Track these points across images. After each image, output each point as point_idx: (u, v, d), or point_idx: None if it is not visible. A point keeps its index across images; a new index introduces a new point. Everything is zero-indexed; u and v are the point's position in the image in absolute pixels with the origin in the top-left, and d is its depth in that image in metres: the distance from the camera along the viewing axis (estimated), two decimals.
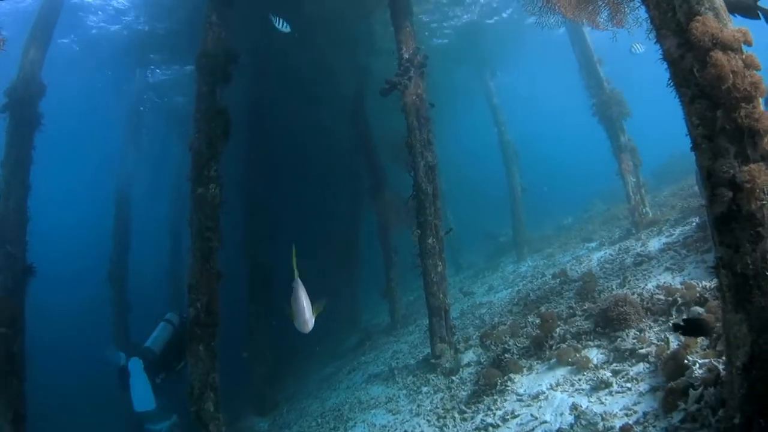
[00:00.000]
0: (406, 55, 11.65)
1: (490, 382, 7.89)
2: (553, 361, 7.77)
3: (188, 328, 9.31)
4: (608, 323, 7.71)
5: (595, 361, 7.22)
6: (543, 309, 10.29)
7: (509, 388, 7.70)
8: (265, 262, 17.46)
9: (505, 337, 9.58)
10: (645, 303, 7.88)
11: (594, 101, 15.28)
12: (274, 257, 18.58)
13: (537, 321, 9.48)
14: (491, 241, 26.96)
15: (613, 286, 9.77)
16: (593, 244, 16.21)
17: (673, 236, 11.60)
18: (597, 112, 15.21)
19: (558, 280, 12.44)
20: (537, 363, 8.03)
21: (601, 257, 13.22)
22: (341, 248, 23.10)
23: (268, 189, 19.54)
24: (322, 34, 18.27)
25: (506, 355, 8.39)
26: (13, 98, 11.30)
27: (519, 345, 8.80)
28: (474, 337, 11.19)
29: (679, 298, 7.51)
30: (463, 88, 28.31)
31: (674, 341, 6.61)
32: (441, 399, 8.93)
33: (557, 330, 8.44)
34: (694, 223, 11.44)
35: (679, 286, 7.91)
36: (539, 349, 8.24)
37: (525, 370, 7.97)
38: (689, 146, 4.58)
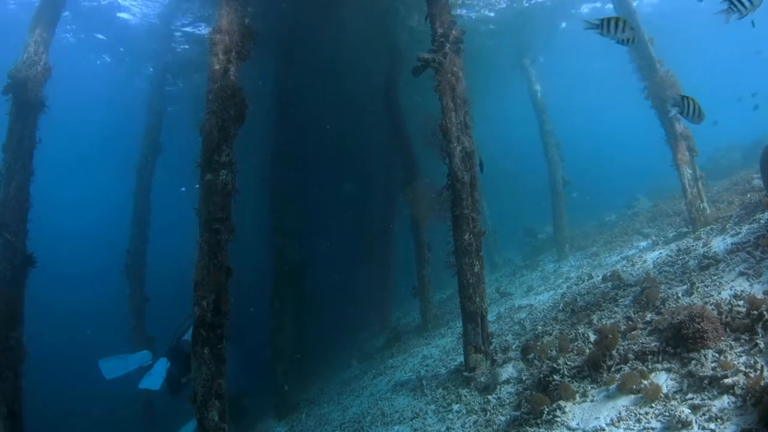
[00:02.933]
0: (440, 30, 10.42)
1: (535, 409, 6.60)
2: (612, 387, 6.40)
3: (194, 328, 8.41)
4: (681, 342, 6.39)
5: (665, 390, 5.88)
6: (595, 318, 8.97)
7: (558, 419, 6.36)
8: (291, 256, 16.55)
9: (552, 350, 8.27)
10: (723, 317, 6.57)
11: (646, 84, 13.91)
12: (301, 251, 17.81)
13: (590, 334, 8.19)
14: (529, 238, 25.65)
15: (679, 294, 8.38)
16: (644, 243, 14.87)
17: (740, 235, 10.18)
18: (649, 96, 13.83)
19: (610, 283, 11.05)
20: (592, 388, 6.67)
21: (657, 258, 11.85)
22: (374, 242, 22.14)
23: (296, 180, 18.68)
24: (352, 13, 17.27)
25: (555, 376, 7.05)
26: (15, 80, 10.70)
27: (569, 363, 7.44)
28: (513, 347, 9.95)
29: (765, 312, 6.17)
30: (501, 72, 26.99)
31: None
32: (474, 423, 7.69)
33: (617, 347, 7.13)
34: (763, 220, 10.06)
35: (761, 296, 6.57)
36: (595, 370, 6.86)
37: (578, 396, 6.61)
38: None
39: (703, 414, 5.24)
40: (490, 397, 8.30)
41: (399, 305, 22.66)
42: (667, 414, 5.47)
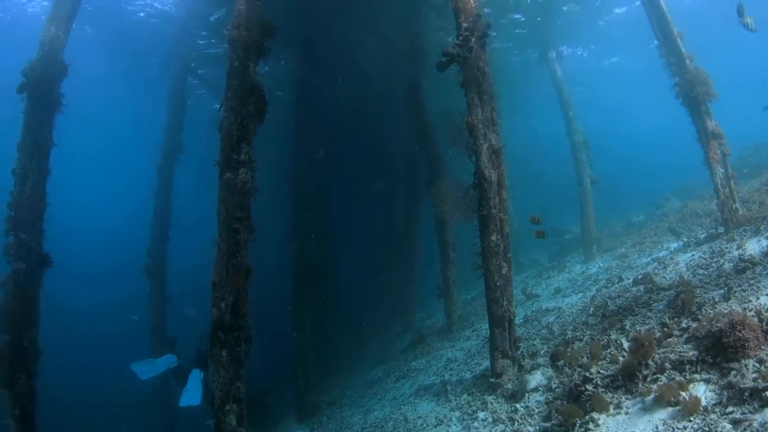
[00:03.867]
0: (465, 24, 10.09)
1: (566, 421, 6.23)
2: (649, 399, 6.01)
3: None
4: (721, 351, 6.01)
5: (704, 402, 5.51)
6: (627, 324, 8.53)
7: None
8: (313, 256, 16.34)
9: (583, 357, 7.87)
10: (764, 324, 6.17)
11: (676, 80, 13.41)
12: (323, 251, 17.59)
13: (623, 340, 7.78)
14: (556, 238, 25.16)
15: (715, 299, 7.96)
16: (675, 245, 14.40)
17: None
18: (680, 93, 13.32)
19: (642, 287, 10.63)
20: (627, 399, 6.30)
21: (690, 261, 11.40)
22: (398, 241, 21.84)
23: (318, 178, 18.45)
24: (376, 7, 17.02)
25: (587, 386, 6.68)
26: (30, 78, 10.52)
27: (602, 372, 7.05)
28: (542, 352, 9.56)
29: None
30: (525, 68, 26.52)
31: None
32: None
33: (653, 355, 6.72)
34: None
35: None
36: (630, 380, 6.46)
37: (612, 408, 6.25)
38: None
39: (745, 429, 4.92)
40: (517, 405, 7.96)
41: (423, 306, 22.38)
42: (706, 429, 5.14)
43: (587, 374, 6.96)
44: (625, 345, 7.57)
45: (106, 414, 23.16)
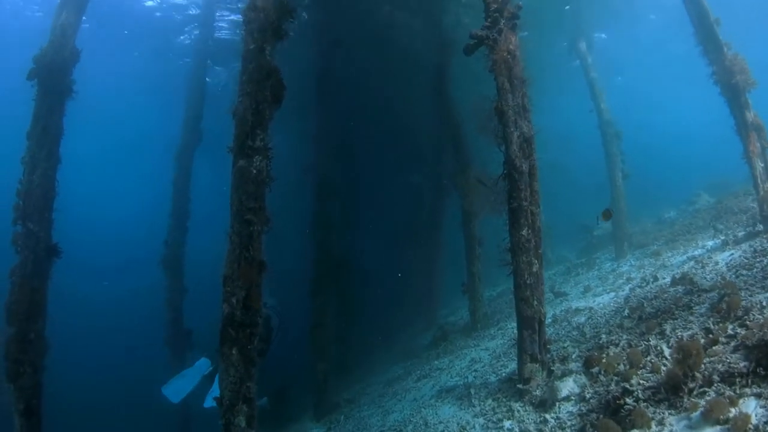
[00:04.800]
0: (494, 5, 9.51)
1: None
2: (695, 415, 5.36)
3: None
4: None
5: (754, 420, 4.88)
6: (668, 328, 7.81)
7: None
8: (334, 249, 15.94)
9: (620, 364, 7.22)
10: None
11: (713, 69, 12.68)
12: (345, 244, 17.20)
13: (663, 347, 7.11)
14: (585, 235, 24.46)
15: (763, 302, 7.22)
16: (711, 243, 13.66)
17: None
18: (718, 82, 12.60)
19: (680, 287, 9.89)
20: (671, 415, 5.63)
21: (730, 260, 10.68)
22: (422, 235, 21.36)
23: (341, 169, 18.04)
24: None
25: (627, 399, 6.04)
26: (41, 64, 10.27)
27: (642, 382, 6.38)
28: (573, 356, 8.88)
29: None
30: (553, 54, 25.75)
31: None
32: None
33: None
34: None
35: None
36: (674, 393, 5.80)
37: (654, 424, 5.59)
38: None
39: None
40: (547, 416, 7.34)
41: (447, 302, 21.89)
42: None
43: (627, 385, 6.29)
44: (666, 352, 6.92)
45: (118, 411, 23.14)
